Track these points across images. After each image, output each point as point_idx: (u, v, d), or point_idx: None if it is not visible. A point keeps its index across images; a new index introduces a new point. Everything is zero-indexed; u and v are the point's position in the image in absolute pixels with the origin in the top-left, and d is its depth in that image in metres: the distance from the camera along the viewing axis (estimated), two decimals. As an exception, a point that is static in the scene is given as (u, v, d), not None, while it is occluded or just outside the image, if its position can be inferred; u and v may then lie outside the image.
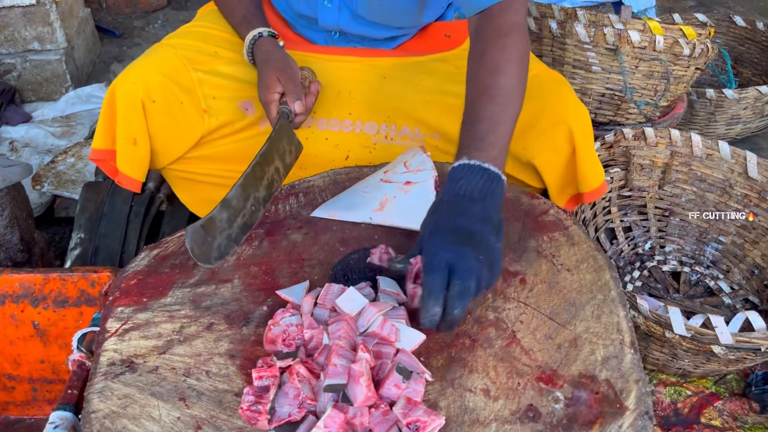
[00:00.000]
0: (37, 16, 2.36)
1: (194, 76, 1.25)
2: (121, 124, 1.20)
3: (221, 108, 1.27)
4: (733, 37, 2.60)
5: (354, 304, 0.87)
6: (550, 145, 1.18)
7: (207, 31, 1.34)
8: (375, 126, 1.32)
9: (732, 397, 1.38)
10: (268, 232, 1.06)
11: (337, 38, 1.38)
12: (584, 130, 1.19)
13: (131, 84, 1.19)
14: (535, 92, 1.21)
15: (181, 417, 0.78)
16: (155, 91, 1.20)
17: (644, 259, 1.71)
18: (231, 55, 1.31)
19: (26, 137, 2.23)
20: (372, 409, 0.76)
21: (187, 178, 1.36)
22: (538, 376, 0.83)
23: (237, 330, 0.89)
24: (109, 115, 1.22)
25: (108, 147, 1.24)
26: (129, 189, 1.24)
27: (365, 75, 1.35)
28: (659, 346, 1.31)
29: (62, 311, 1.19)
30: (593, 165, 1.21)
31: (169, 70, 1.23)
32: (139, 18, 3.23)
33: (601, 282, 0.95)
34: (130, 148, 1.21)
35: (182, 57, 1.25)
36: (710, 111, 2.17)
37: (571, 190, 1.24)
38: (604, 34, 1.68)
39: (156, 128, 1.22)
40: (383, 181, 1.11)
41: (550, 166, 1.21)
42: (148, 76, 1.20)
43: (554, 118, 1.18)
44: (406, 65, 1.36)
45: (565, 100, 1.21)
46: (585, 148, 1.19)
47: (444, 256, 0.81)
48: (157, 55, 1.24)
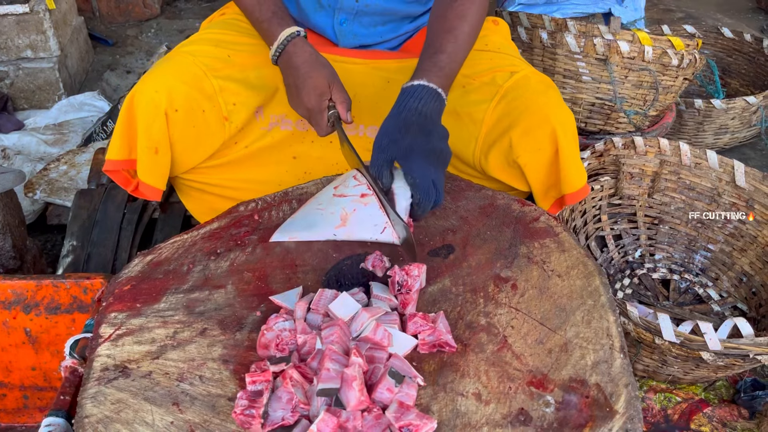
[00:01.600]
0: (31, 24, 2.37)
1: (215, 84, 1.24)
2: (143, 133, 1.18)
3: (240, 115, 1.28)
4: (721, 49, 2.64)
5: (347, 309, 0.88)
6: (533, 145, 1.20)
7: (218, 37, 1.33)
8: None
9: (721, 404, 1.39)
10: (261, 238, 1.07)
11: (345, 26, 1.36)
12: (567, 131, 1.21)
13: (153, 93, 1.18)
14: (521, 92, 1.24)
15: (174, 422, 0.78)
16: (178, 100, 1.19)
17: (634, 267, 1.72)
18: (243, 58, 1.30)
19: (18, 145, 2.22)
20: (365, 413, 0.77)
21: (197, 188, 1.36)
22: (529, 381, 0.84)
23: (230, 335, 0.90)
24: (127, 124, 1.20)
25: (125, 157, 1.22)
26: (149, 198, 1.23)
27: (369, 78, 1.35)
28: (649, 353, 1.33)
29: (54, 318, 1.18)
30: (576, 167, 1.22)
31: (191, 78, 1.22)
32: (132, 27, 3.24)
33: (591, 288, 0.96)
34: (151, 157, 1.20)
35: (201, 64, 1.24)
36: (699, 121, 2.20)
37: (555, 193, 1.26)
38: (594, 45, 1.71)
39: (177, 137, 1.22)
40: (337, 196, 1.10)
41: (534, 166, 1.22)
42: (171, 85, 1.19)
43: (538, 118, 1.20)
44: (409, 68, 1.37)
45: (550, 101, 1.22)
46: (568, 149, 1.20)
47: (430, 176, 1.00)
48: (177, 63, 1.23)
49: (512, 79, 1.28)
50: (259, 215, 1.12)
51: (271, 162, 1.35)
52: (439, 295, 0.96)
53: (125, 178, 1.26)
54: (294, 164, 1.35)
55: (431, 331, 0.87)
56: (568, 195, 1.23)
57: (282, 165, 1.35)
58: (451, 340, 0.87)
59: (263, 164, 1.34)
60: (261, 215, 1.12)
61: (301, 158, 1.35)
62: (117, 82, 2.77)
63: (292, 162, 1.35)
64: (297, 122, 1.33)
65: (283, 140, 1.34)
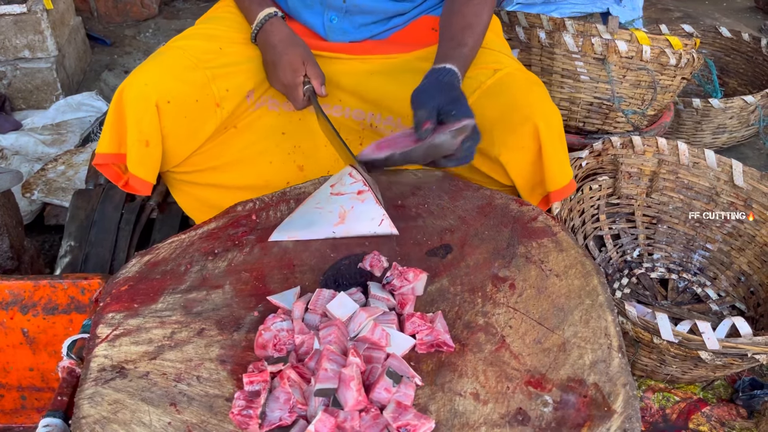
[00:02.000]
0: (28, 24, 2.37)
1: (207, 73, 1.26)
2: (133, 126, 1.18)
3: (232, 100, 1.29)
4: (719, 48, 2.64)
5: (345, 309, 0.88)
6: (515, 143, 1.19)
7: (209, 32, 1.35)
8: (362, 113, 1.36)
9: (719, 403, 1.39)
10: (259, 238, 1.07)
11: (335, 22, 1.38)
12: (552, 128, 1.20)
13: (142, 86, 1.18)
14: (505, 89, 1.25)
15: (171, 422, 0.78)
16: (170, 92, 1.20)
17: (632, 267, 1.72)
18: (235, 49, 1.33)
19: (16, 145, 2.22)
20: (362, 414, 0.77)
21: (188, 180, 1.36)
22: (527, 380, 0.84)
23: (228, 335, 0.89)
24: (116, 118, 1.21)
25: (114, 150, 1.22)
26: (139, 192, 1.23)
27: (353, 70, 1.38)
28: (647, 353, 1.33)
29: (52, 318, 1.18)
30: (560, 163, 1.21)
31: (181, 70, 1.23)
32: (130, 27, 3.24)
33: (589, 287, 0.96)
34: (142, 150, 1.20)
35: (192, 57, 1.25)
36: (697, 120, 2.20)
37: (542, 191, 1.25)
38: (592, 44, 1.71)
39: (170, 128, 1.22)
40: (334, 195, 1.11)
41: (516, 164, 1.22)
42: (161, 78, 1.20)
43: (521, 116, 1.19)
44: (392, 64, 1.38)
45: (534, 98, 1.22)
46: (552, 146, 1.19)
47: (472, 116, 1.07)
48: (167, 57, 1.24)
49: (495, 76, 1.28)
50: (257, 215, 1.12)
51: (260, 138, 1.36)
52: (437, 295, 0.96)
53: (116, 173, 1.25)
54: (283, 139, 1.37)
55: (429, 330, 0.87)
56: (553, 192, 1.23)
57: (271, 140, 1.36)
58: (449, 340, 0.87)
59: (252, 141, 1.36)
60: (259, 215, 1.12)
61: (290, 133, 1.37)
62: (115, 82, 2.76)
63: (281, 137, 1.36)
64: (284, 103, 1.35)
65: (270, 118, 1.36)
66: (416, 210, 1.12)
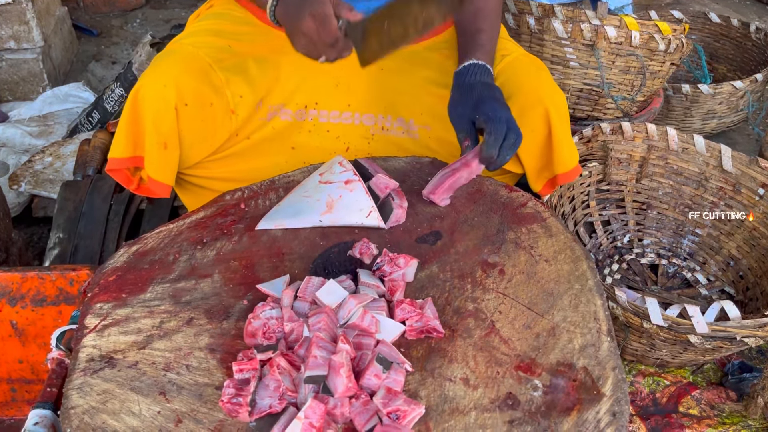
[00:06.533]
0: (13, 15, 2.33)
1: (222, 76, 1.22)
2: (151, 129, 1.15)
3: (246, 107, 1.26)
4: (709, 34, 2.64)
5: (334, 296, 0.88)
6: (527, 126, 1.20)
7: (215, 27, 1.31)
8: (372, 117, 1.34)
9: (709, 386, 1.40)
10: (247, 227, 1.06)
11: None
12: (560, 112, 1.22)
13: (161, 87, 1.14)
14: (513, 73, 1.27)
15: (161, 411, 0.78)
16: (187, 94, 1.16)
17: (623, 252, 1.73)
18: (242, 47, 1.29)
19: (3, 137, 2.20)
20: (352, 400, 0.77)
21: (198, 184, 1.34)
22: (517, 365, 0.84)
23: (217, 324, 0.89)
24: (133, 120, 1.16)
25: (130, 154, 1.19)
26: (156, 195, 1.20)
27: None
28: (637, 337, 1.33)
29: (41, 310, 1.18)
30: (568, 146, 1.24)
31: (197, 71, 1.19)
32: (117, 17, 3.20)
33: (578, 272, 0.96)
34: (161, 153, 1.17)
35: (206, 56, 1.22)
36: (686, 106, 2.20)
37: (548, 174, 1.27)
38: (581, 30, 1.70)
39: (186, 131, 1.19)
40: (322, 183, 1.11)
41: (528, 148, 1.23)
42: (179, 79, 1.16)
43: (531, 99, 1.21)
44: (401, 55, 1.36)
45: (542, 82, 1.24)
46: (561, 129, 1.22)
47: (504, 115, 1.10)
48: (182, 56, 1.20)
49: (503, 62, 1.30)
50: (246, 204, 1.12)
51: (270, 153, 1.34)
52: (426, 282, 0.96)
53: (126, 176, 1.22)
54: (292, 154, 1.35)
55: (419, 317, 0.87)
56: (561, 175, 1.25)
57: (281, 155, 1.34)
58: (438, 326, 0.87)
59: (263, 155, 1.33)
60: (247, 204, 1.12)
61: (300, 148, 1.35)
62: (102, 73, 2.74)
63: (290, 152, 1.34)
64: (297, 112, 1.32)
65: (282, 130, 1.32)
66: (406, 197, 1.12)
